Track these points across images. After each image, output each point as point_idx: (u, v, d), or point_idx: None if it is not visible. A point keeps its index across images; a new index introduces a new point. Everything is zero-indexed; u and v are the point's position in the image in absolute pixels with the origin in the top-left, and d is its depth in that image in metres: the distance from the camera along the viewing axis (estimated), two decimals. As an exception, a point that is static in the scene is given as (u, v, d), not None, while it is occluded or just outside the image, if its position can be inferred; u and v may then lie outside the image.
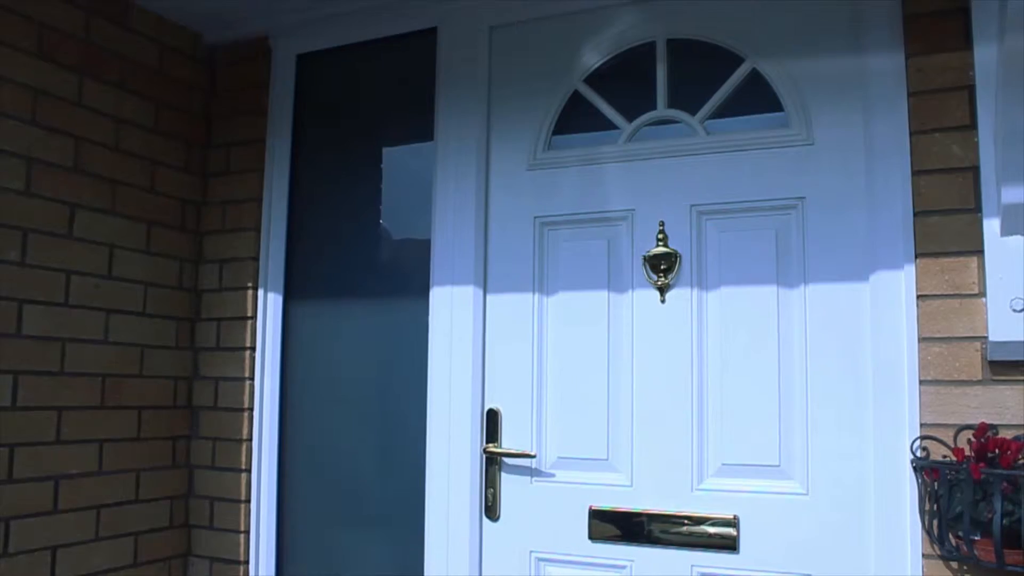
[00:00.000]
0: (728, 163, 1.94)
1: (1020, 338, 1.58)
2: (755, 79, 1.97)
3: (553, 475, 2.04)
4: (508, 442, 2.07)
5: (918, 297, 1.71)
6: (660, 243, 1.96)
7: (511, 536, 2.06)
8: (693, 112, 2.01)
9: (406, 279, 2.30)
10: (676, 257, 1.94)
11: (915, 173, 1.74)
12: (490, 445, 2.07)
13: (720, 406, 1.89)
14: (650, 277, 1.96)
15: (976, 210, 1.67)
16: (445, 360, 2.17)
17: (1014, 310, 1.59)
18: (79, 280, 2.16)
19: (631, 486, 1.95)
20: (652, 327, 1.97)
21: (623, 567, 1.94)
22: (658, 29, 2.06)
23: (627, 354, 1.99)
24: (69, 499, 2.11)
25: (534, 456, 2.03)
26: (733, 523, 1.84)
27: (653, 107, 2.05)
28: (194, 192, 2.52)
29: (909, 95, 1.76)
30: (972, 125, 1.69)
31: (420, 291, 2.24)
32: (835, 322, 1.82)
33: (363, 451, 2.33)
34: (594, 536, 1.95)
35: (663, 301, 1.94)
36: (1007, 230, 1.60)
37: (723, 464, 1.88)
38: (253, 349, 2.42)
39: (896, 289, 1.74)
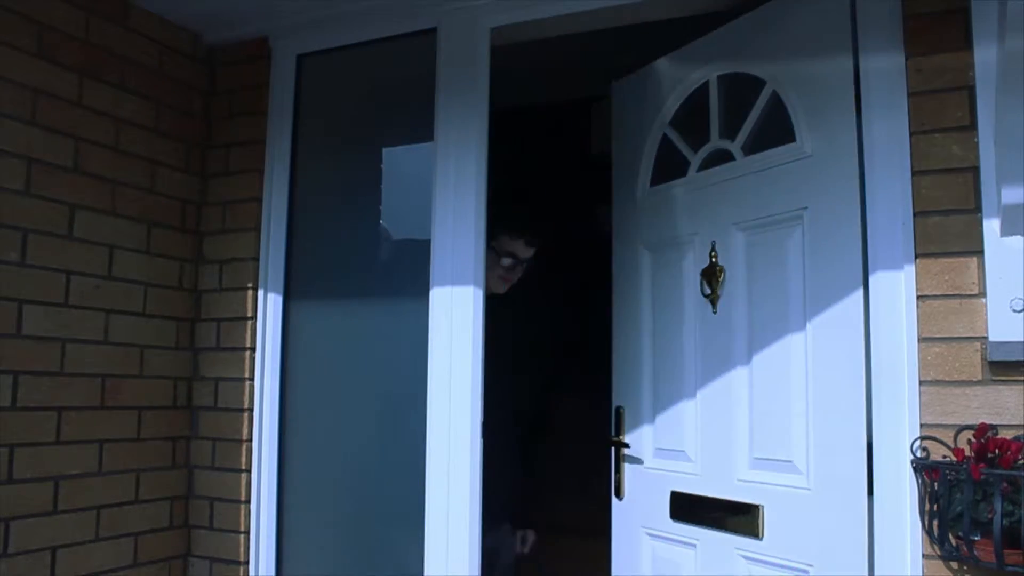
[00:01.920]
0: (757, 182, 2.02)
1: (1020, 338, 1.58)
2: (775, 99, 2.01)
3: (651, 463, 2.23)
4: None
5: (918, 297, 1.71)
6: (712, 259, 2.10)
7: (630, 513, 2.29)
8: (733, 139, 2.10)
9: (406, 279, 2.30)
10: (722, 271, 2.07)
11: (915, 173, 1.73)
12: (617, 437, 2.33)
13: (750, 404, 1.98)
14: (703, 290, 2.11)
15: (976, 210, 1.67)
16: (445, 360, 2.17)
17: (1014, 310, 1.59)
18: (79, 280, 2.16)
19: (699, 475, 2.09)
20: (708, 335, 2.10)
21: (693, 545, 2.08)
22: (708, 69, 2.17)
23: (692, 357, 2.14)
24: (69, 499, 2.11)
25: (627, 446, 2.30)
26: (758, 512, 1.92)
27: (708, 139, 2.16)
28: (194, 192, 2.52)
29: (909, 95, 1.76)
30: (972, 125, 1.69)
31: (420, 291, 2.24)
32: (837, 322, 1.82)
33: (363, 451, 2.33)
34: (674, 516, 2.14)
35: (715, 312, 2.08)
36: (1007, 230, 1.60)
37: (755, 457, 1.97)
38: (253, 349, 2.42)
39: (896, 289, 1.74)
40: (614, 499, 2.33)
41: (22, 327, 2.02)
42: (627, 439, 2.31)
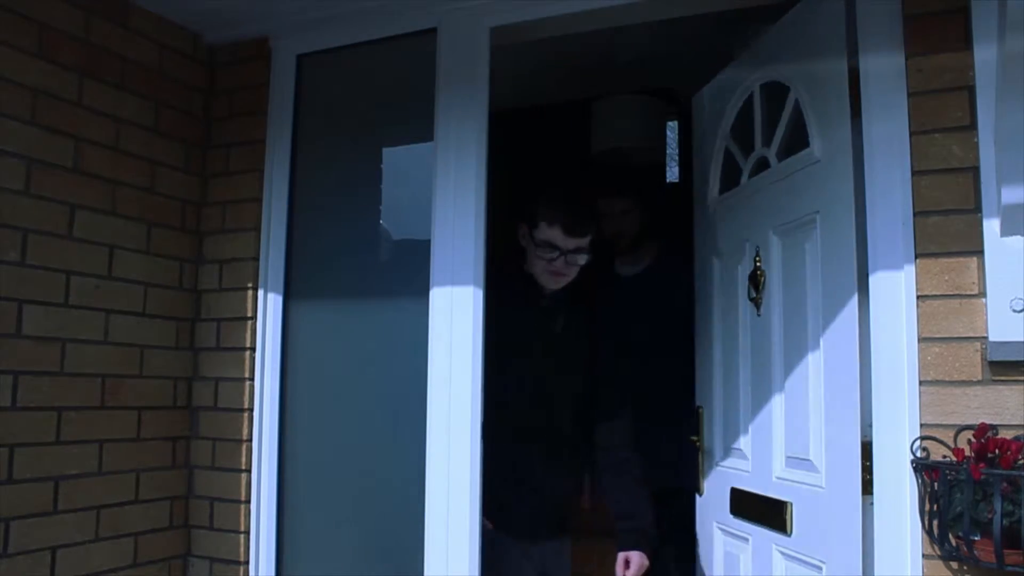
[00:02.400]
0: (785, 188, 2.05)
1: (1020, 338, 1.58)
2: (797, 105, 2.02)
3: (720, 461, 2.30)
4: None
5: (918, 297, 1.71)
6: (756, 263, 2.15)
7: (707, 508, 2.38)
8: (769, 146, 2.12)
9: (406, 279, 2.30)
10: (763, 274, 2.12)
11: (915, 173, 1.73)
12: (696, 437, 2.41)
13: (784, 403, 2.02)
14: (749, 294, 2.17)
15: (976, 210, 1.66)
16: (445, 360, 2.17)
17: (1014, 310, 1.59)
18: (79, 280, 2.16)
19: (751, 472, 2.13)
20: (754, 337, 2.17)
21: (746, 539, 2.15)
22: (754, 77, 2.20)
23: (739, 357, 2.22)
24: (69, 499, 2.11)
25: (701, 444, 2.41)
26: (788, 509, 1.96)
27: (753, 148, 2.19)
28: (194, 192, 2.52)
29: (909, 95, 1.75)
30: (972, 125, 1.68)
31: (420, 291, 2.23)
32: (841, 323, 1.82)
33: (363, 451, 2.33)
34: (732, 511, 2.22)
35: (759, 315, 2.13)
36: (1007, 230, 1.60)
37: (787, 456, 2.00)
38: (253, 349, 2.42)
39: (896, 289, 1.74)
40: (697, 496, 2.44)
41: (22, 327, 2.02)
42: (704, 438, 2.40)
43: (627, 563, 2.24)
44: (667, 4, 2.18)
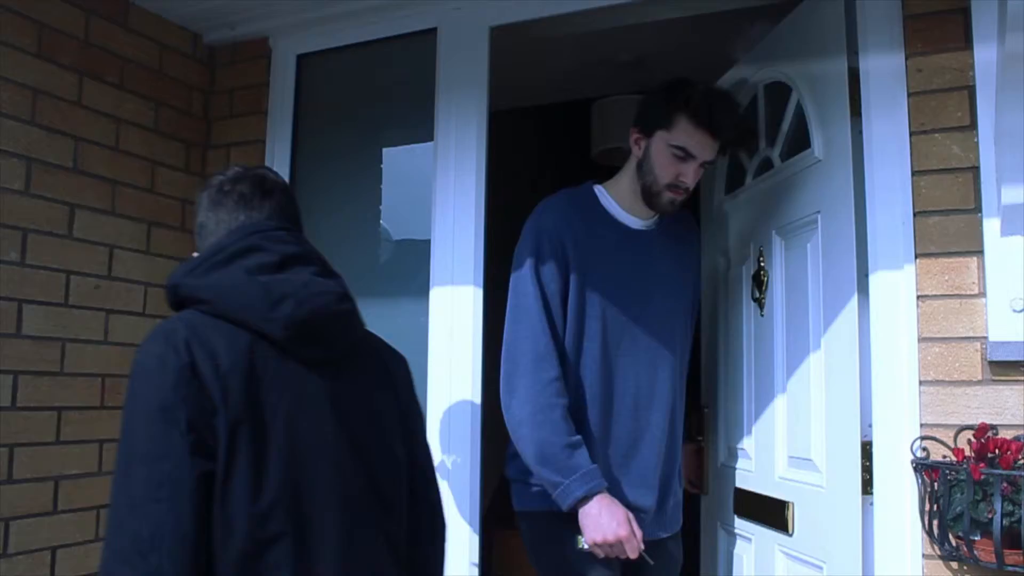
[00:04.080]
0: (787, 187, 2.03)
1: (1020, 338, 1.58)
2: (799, 105, 2.00)
3: (724, 461, 2.24)
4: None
5: (918, 297, 1.71)
6: (759, 263, 2.12)
7: (711, 508, 2.32)
8: (773, 146, 2.10)
9: (406, 279, 2.30)
10: (766, 274, 2.09)
11: (915, 173, 1.73)
12: (700, 439, 2.35)
13: (787, 403, 2.01)
14: (753, 294, 2.15)
15: (976, 210, 1.66)
16: (445, 360, 2.17)
17: (1014, 310, 1.59)
18: (79, 280, 2.16)
19: (754, 472, 2.10)
20: (758, 336, 2.13)
21: (749, 539, 2.12)
22: (757, 77, 2.17)
23: (742, 359, 2.17)
24: (69, 499, 2.11)
25: (702, 444, 2.36)
26: (789, 508, 1.95)
27: (758, 148, 2.17)
28: (194, 192, 2.51)
29: (909, 95, 1.76)
30: (972, 125, 1.69)
31: (420, 291, 2.23)
32: (842, 322, 1.82)
33: (363, 451, 2.33)
34: (736, 511, 2.18)
35: (762, 315, 2.11)
36: (1007, 230, 1.60)
37: (789, 456, 1.98)
38: (253, 349, 2.41)
39: (896, 289, 1.74)
40: (702, 496, 2.39)
41: (22, 327, 2.02)
42: (709, 438, 2.36)
43: None
44: (668, 4, 2.18)
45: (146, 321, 2.34)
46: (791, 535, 1.94)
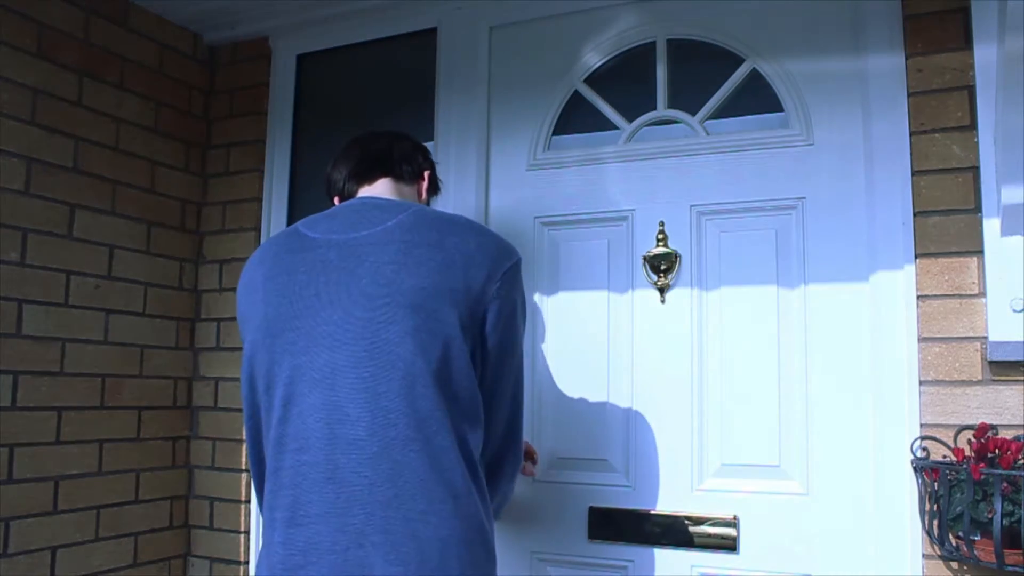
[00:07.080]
0: (729, 163, 1.94)
1: (1020, 338, 1.58)
2: (755, 79, 1.97)
3: (552, 475, 2.02)
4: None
5: (918, 297, 1.71)
6: (660, 243, 1.98)
7: (510, 537, 2.03)
8: (693, 112, 2.01)
9: (406, 279, 2.30)
10: (676, 257, 1.96)
11: (915, 173, 1.74)
12: None
13: (720, 406, 1.89)
14: (650, 277, 1.98)
15: (976, 210, 1.67)
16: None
17: (1014, 310, 1.59)
18: (79, 280, 2.16)
19: (631, 487, 1.95)
20: (652, 327, 1.97)
21: (623, 567, 1.94)
22: (658, 29, 2.07)
23: (627, 354, 1.99)
24: (69, 499, 2.11)
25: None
26: (733, 523, 1.84)
27: (653, 107, 2.06)
28: (194, 192, 2.52)
29: (909, 95, 1.76)
30: (972, 125, 1.69)
31: (420, 291, 2.23)
32: (835, 322, 1.82)
33: (363, 451, 2.33)
34: (593, 536, 1.96)
35: (663, 301, 1.97)
36: (1007, 230, 1.60)
37: (723, 464, 1.88)
38: (253, 349, 2.42)
39: (896, 289, 1.74)
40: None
41: (22, 327, 2.02)
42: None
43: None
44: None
45: (146, 321, 2.34)
46: (737, 552, 1.82)
